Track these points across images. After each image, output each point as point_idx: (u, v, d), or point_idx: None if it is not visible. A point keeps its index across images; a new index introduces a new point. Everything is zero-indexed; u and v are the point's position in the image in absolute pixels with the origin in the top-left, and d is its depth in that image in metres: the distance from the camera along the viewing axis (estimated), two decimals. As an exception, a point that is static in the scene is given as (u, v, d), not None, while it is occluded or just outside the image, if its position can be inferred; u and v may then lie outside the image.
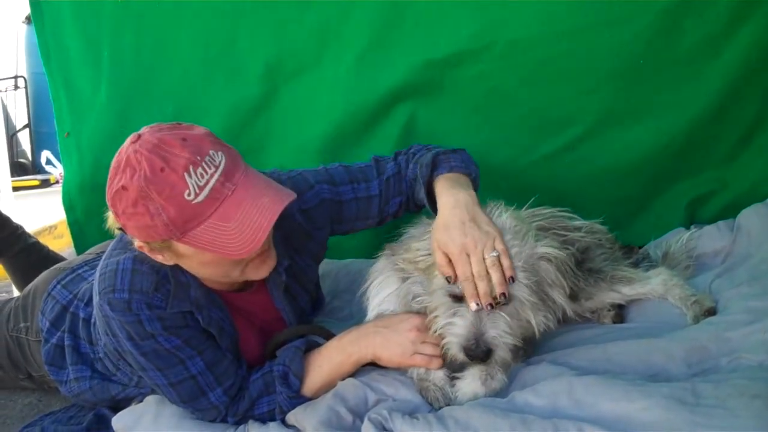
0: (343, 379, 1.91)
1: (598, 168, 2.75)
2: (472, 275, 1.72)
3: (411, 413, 1.77)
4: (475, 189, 2.02)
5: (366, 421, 1.73)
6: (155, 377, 1.86)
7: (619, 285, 2.21)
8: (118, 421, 1.97)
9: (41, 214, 4.39)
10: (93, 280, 2.19)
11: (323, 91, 2.87)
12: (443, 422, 1.67)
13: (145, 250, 1.77)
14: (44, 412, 2.30)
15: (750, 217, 2.51)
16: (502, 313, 1.71)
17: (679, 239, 2.54)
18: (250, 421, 1.90)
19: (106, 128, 3.07)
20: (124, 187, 1.63)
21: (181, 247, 1.71)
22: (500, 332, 1.69)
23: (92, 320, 2.13)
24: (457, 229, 1.78)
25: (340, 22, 2.78)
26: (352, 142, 2.88)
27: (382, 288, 1.99)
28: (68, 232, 3.22)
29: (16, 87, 7.70)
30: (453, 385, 1.85)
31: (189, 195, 1.61)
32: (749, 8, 2.45)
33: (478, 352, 1.69)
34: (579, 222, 2.31)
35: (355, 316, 2.51)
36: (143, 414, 1.95)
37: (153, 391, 2.05)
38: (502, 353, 1.70)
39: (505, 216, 1.81)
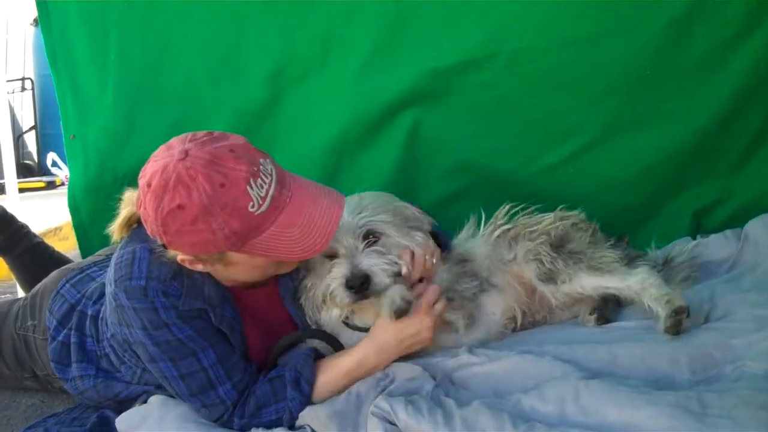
0: None
1: (604, 177, 2.74)
2: None
3: (412, 393, 1.80)
4: None
5: (370, 415, 1.74)
6: (165, 369, 1.85)
7: (598, 272, 2.16)
8: (121, 422, 1.97)
9: (46, 215, 4.39)
10: (101, 279, 2.24)
11: (328, 97, 2.87)
12: (450, 422, 1.67)
13: (186, 264, 1.79)
14: (48, 413, 2.29)
15: (757, 226, 2.51)
16: (376, 248, 1.93)
17: (683, 249, 2.52)
18: (252, 430, 1.90)
19: (112, 131, 3.07)
20: (180, 206, 1.63)
21: (235, 256, 1.74)
22: (374, 261, 1.89)
23: (100, 316, 2.14)
24: None
25: (345, 27, 2.78)
26: (356, 149, 2.88)
27: None
28: (73, 234, 3.23)
29: (23, 89, 7.73)
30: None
31: (252, 207, 1.65)
32: (757, 18, 2.45)
33: (356, 281, 1.86)
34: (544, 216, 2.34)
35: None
36: (147, 415, 1.95)
37: (158, 388, 2.05)
38: (380, 278, 1.89)
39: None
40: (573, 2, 2.56)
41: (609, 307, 2.23)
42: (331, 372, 1.93)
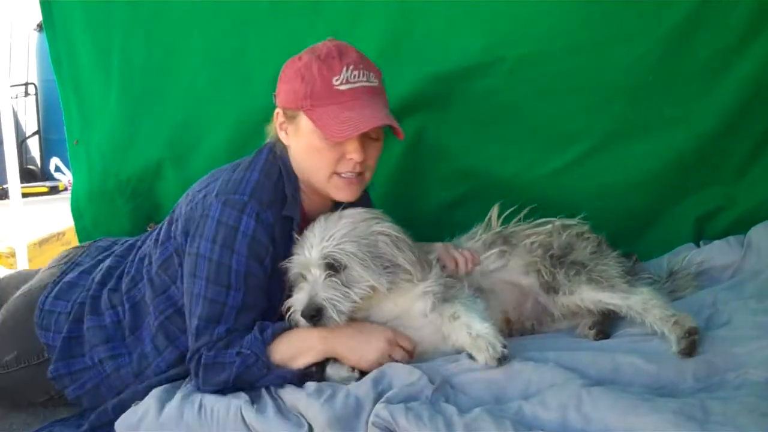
0: (304, 367, 2.02)
1: (607, 183, 2.75)
2: None
3: (411, 399, 1.80)
4: None
5: (371, 425, 1.74)
6: (198, 286, 2.02)
7: (599, 286, 2.16)
8: (121, 424, 1.98)
9: (49, 220, 4.39)
10: (84, 283, 2.32)
11: (331, 102, 2.87)
12: (451, 429, 1.67)
13: (278, 119, 2.16)
14: (50, 418, 2.29)
15: (760, 233, 2.52)
16: (334, 279, 1.98)
17: (687, 260, 2.51)
18: (243, 403, 1.90)
19: (115, 136, 3.08)
20: (300, 57, 2.08)
21: (303, 121, 2.06)
22: (330, 295, 1.96)
23: (127, 270, 2.30)
24: None
25: (349, 32, 2.77)
26: (359, 154, 2.88)
27: None
28: (76, 240, 3.23)
29: (27, 94, 7.74)
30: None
31: (336, 81, 2.01)
32: (760, 24, 2.46)
33: (308, 312, 1.96)
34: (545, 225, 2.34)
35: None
36: (145, 415, 1.96)
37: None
38: (331, 312, 1.96)
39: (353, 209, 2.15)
40: (577, 9, 2.57)
41: (609, 322, 2.23)
42: (292, 335, 2.03)
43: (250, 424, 1.85)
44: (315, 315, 1.96)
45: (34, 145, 7.80)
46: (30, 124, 7.78)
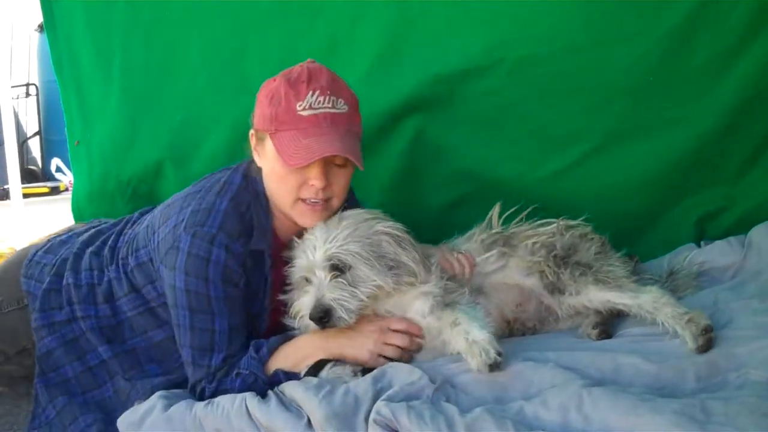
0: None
1: (607, 183, 2.75)
2: None
3: (412, 398, 1.79)
4: None
5: (372, 422, 1.74)
6: (182, 317, 2.03)
7: (606, 286, 2.16)
8: (122, 421, 1.99)
9: (50, 221, 4.39)
10: (70, 247, 2.34)
11: (330, 104, 2.87)
12: (453, 429, 1.67)
13: (253, 141, 2.14)
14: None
15: (761, 233, 2.51)
16: (340, 280, 1.99)
17: (687, 261, 2.51)
18: (248, 395, 1.91)
19: (115, 137, 3.09)
20: (274, 79, 2.07)
21: (268, 144, 2.06)
22: (336, 295, 1.97)
23: (111, 243, 2.31)
24: None
25: (349, 34, 2.79)
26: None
27: None
28: (77, 240, 3.22)
29: (28, 94, 7.76)
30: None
31: (300, 106, 1.99)
32: (760, 24, 2.46)
33: (316, 314, 1.95)
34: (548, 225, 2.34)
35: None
36: (148, 412, 1.96)
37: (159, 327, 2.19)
38: (340, 313, 1.96)
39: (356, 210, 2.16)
40: (576, 10, 2.57)
41: (612, 322, 2.23)
42: (287, 347, 2.08)
43: (253, 414, 1.87)
44: (324, 316, 1.96)
45: (35, 146, 7.81)
46: (31, 125, 7.79)
